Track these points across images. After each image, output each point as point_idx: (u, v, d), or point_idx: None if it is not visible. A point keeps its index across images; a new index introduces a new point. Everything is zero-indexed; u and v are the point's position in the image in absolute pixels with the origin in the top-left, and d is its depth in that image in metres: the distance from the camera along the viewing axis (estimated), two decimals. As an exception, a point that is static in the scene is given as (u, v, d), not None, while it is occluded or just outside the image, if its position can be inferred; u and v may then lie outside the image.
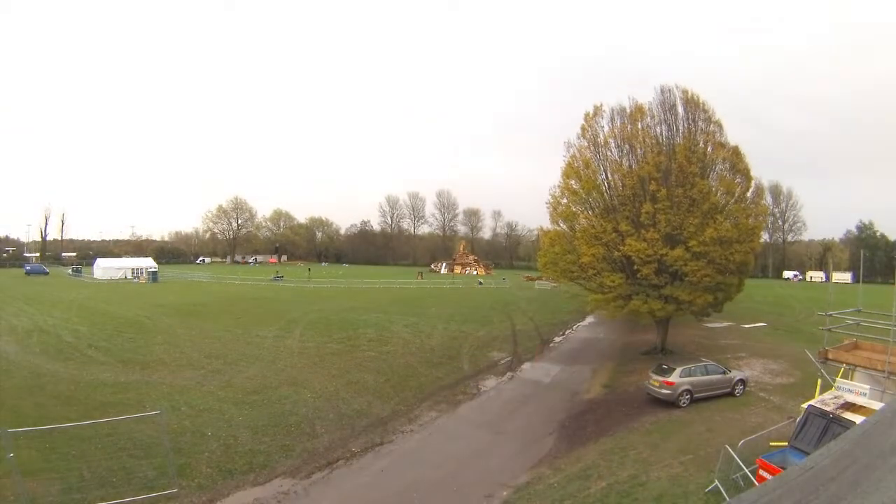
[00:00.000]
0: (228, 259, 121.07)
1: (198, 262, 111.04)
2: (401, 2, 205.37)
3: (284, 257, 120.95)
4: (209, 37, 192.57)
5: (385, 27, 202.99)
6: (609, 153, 22.74)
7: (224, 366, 20.13)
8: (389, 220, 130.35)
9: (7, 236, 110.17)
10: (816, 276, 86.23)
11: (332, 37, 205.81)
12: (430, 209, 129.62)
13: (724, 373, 18.09)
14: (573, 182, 22.93)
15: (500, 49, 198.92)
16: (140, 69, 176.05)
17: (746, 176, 22.02)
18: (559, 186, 23.52)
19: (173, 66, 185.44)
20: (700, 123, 22.10)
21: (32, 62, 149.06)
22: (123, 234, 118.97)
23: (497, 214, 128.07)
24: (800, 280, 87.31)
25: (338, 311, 35.15)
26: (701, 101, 22.18)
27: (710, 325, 31.68)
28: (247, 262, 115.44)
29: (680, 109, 22.19)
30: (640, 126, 22.23)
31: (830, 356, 13.98)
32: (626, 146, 22.40)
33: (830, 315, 15.12)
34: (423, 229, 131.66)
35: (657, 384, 17.26)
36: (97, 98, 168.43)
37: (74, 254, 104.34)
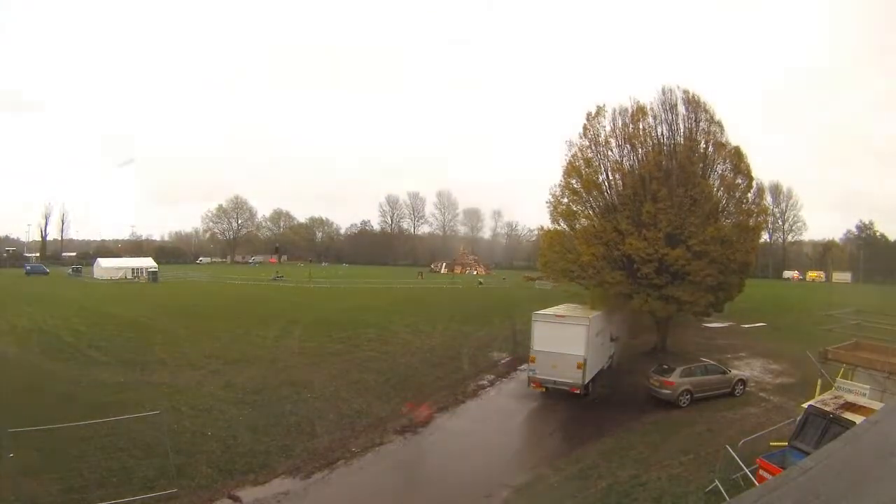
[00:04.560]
0: (229, 259, 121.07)
1: (198, 262, 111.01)
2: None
3: (284, 257, 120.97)
4: (210, 30, 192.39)
5: (383, 23, 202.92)
6: (610, 152, 22.73)
7: (224, 366, 20.12)
8: (389, 220, 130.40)
9: (7, 236, 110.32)
10: (817, 275, 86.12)
11: (334, 35, 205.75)
12: (430, 209, 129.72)
13: (724, 373, 18.10)
14: (574, 181, 22.92)
15: (501, 47, 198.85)
16: (138, 67, 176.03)
17: (748, 176, 22.02)
18: (560, 185, 23.50)
19: (173, 64, 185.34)
20: (702, 124, 22.10)
21: (32, 60, 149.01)
22: (123, 234, 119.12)
23: (497, 214, 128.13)
24: (800, 280, 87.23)
25: (338, 311, 35.14)
26: (702, 102, 22.20)
27: (710, 325, 31.68)
28: (247, 262, 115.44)
29: (681, 109, 22.18)
30: (641, 126, 22.22)
31: (830, 356, 13.97)
32: (628, 146, 22.39)
33: (830, 315, 15.12)
34: (424, 229, 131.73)
35: (657, 384, 17.27)
36: (97, 96, 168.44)
37: (74, 254, 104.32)
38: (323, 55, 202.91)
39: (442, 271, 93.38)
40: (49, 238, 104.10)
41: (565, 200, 23.37)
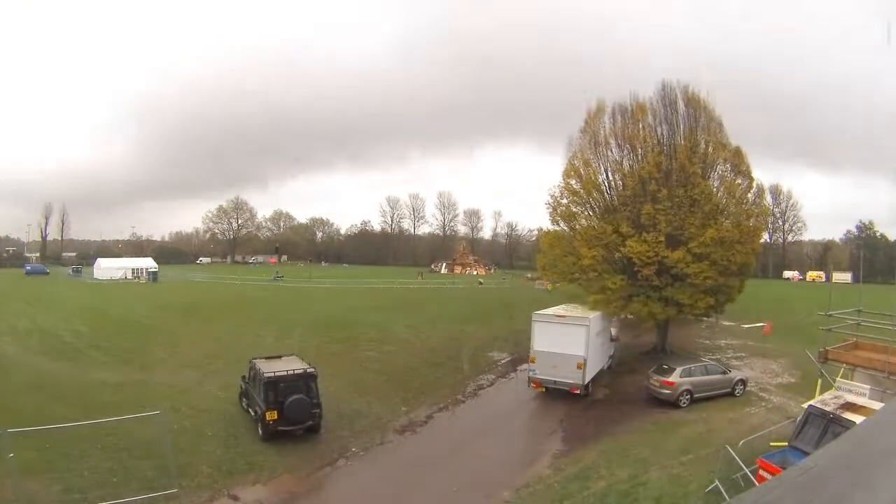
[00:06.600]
0: (229, 259, 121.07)
1: (198, 262, 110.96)
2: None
3: (285, 257, 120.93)
4: (208, 33, 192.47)
5: (383, 24, 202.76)
6: (610, 153, 22.70)
7: (224, 366, 20.09)
8: (390, 220, 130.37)
9: (7, 236, 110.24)
10: (817, 276, 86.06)
11: (332, 36, 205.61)
12: (430, 209, 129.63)
13: (724, 373, 18.11)
14: (573, 182, 22.88)
15: (500, 45, 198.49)
16: (137, 69, 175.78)
17: (748, 176, 22.00)
18: (559, 186, 23.45)
19: (174, 66, 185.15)
20: (702, 122, 22.05)
21: (34, 65, 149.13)
22: (124, 235, 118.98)
23: (497, 214, 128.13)
24: (800, 280, 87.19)
25: (338, 311, 35.12)
26: (702, 100, 22.13)
27: (710, 325, 31.66)
28: (247, 263, 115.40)
29: (681, 107, 22.12)
30: (641, 125, 22.19)
31: (830, 356, 13.97)
32: (627, 146, 22.35)
33: (830, 315, 15.09)
34: (424, 229, 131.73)
35: (657, 384, 17.28)
36: (97, 97, 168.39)
37: (74, 254, 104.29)
38: (323, 54, 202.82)
39: (442, 271, 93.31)
40: (49, 238, 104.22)
41: (565, 201, 23.33)
